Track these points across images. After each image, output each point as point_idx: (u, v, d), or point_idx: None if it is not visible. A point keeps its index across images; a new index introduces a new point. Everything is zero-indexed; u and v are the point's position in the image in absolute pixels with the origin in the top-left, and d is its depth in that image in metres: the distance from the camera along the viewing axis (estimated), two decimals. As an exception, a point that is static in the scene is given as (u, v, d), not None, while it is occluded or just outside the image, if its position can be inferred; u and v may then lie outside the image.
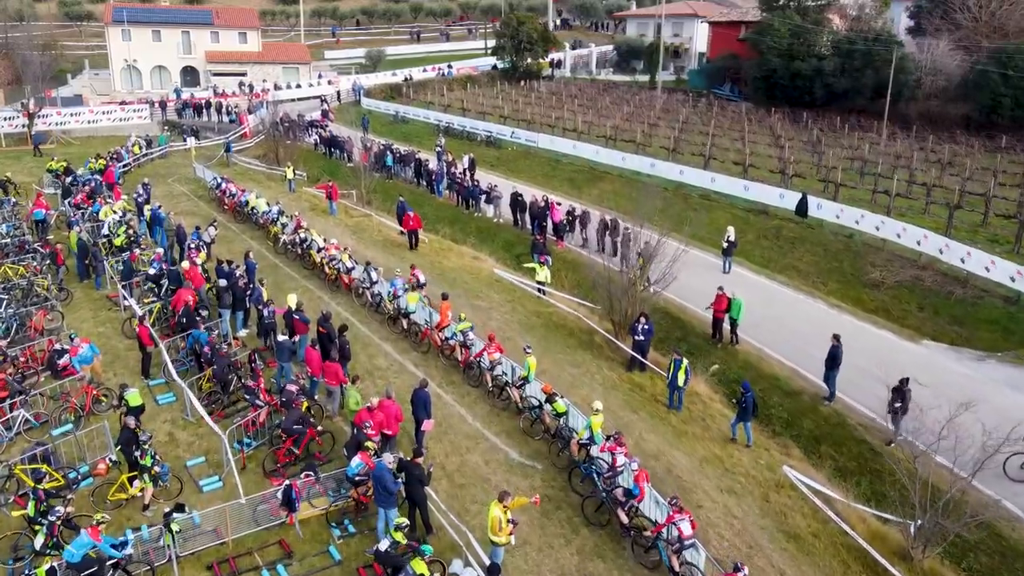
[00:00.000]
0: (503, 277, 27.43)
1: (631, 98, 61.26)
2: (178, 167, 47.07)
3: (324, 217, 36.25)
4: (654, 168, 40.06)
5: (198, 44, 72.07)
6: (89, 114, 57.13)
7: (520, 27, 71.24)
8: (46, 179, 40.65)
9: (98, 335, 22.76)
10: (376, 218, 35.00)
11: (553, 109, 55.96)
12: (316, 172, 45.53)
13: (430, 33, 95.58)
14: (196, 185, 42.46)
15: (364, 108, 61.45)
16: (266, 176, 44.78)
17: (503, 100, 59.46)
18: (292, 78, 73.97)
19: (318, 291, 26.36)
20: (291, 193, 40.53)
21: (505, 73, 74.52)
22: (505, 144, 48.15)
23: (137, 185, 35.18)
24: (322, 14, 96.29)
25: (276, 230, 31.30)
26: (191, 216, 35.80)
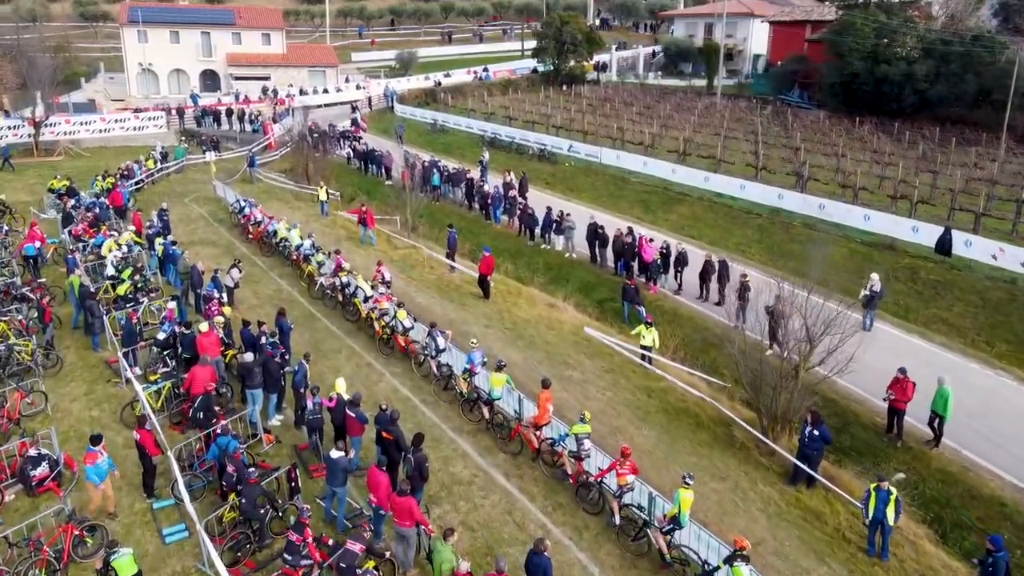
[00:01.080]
0: (594, 337, 22.06)
1: (691, 105, 55.73)
2: (196, 184, 42.14)
3: (362, 248, 31.09)
4: (744, 190, 34.53)
5: (219, 46, 67.34)
6: (100, 123, 52.44)
7: (563, 27, 65.92)
8: (47, 200, 35.82)
9: (90, 421, 17.68)
10: (425, 251, 29.76)
11: (609, 118, 50.52)
12: (350, 191, 40.46)
13: (462, 34, 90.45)
14: (216, 206, 37.46)
15: (399, 116, 56.33)
16: (294, 195, 39.71)
17: (551, 107, 54.08)
18: (318, 82, 69.10)
19: (366, 354, 21.17)
20: (323, 217, 35.46)
21: (546, 77, 69.25)
22: (561, 159, 42.83)
23: (152, 213, 30.12)
24: (348, 14, 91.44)
25: (311, 269, 26.16)
26: (210, 247, 30.79)
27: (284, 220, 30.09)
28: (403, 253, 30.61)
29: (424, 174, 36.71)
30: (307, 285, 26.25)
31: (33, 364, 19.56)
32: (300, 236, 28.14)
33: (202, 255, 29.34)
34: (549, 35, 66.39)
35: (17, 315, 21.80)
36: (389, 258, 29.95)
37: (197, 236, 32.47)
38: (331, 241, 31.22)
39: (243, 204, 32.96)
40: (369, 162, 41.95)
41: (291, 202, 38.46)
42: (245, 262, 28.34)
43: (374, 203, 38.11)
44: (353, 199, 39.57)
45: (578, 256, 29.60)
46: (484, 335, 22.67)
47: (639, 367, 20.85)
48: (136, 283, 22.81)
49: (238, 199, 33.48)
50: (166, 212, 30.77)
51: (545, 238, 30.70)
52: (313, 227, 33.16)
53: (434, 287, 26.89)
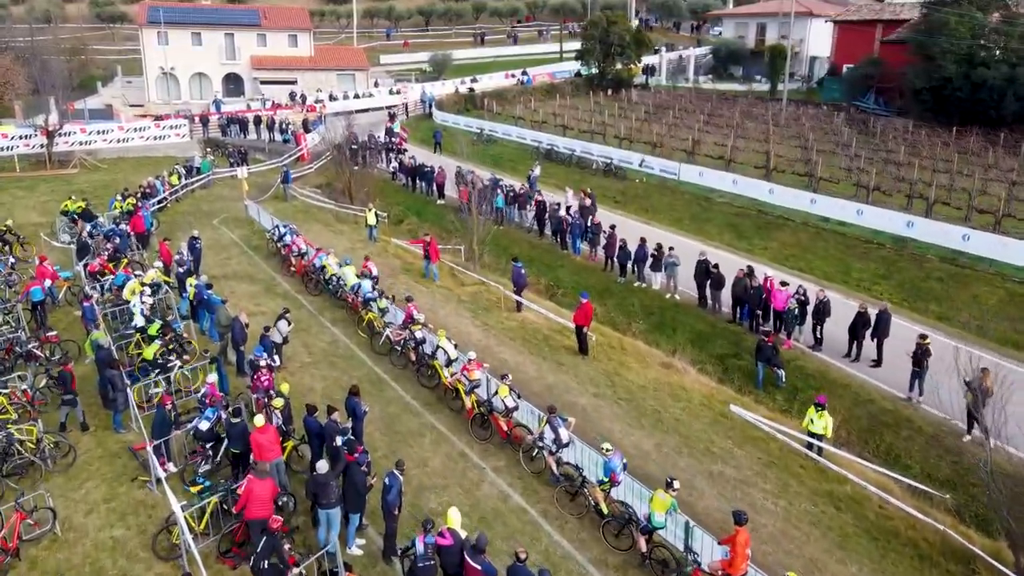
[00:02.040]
0: (740, 416, 17.55)
1: (759, 113, 51.12)
2: (224, 202, 37.92)
3: (423, 284, 26.72)
4: (862, 216, 29.87)
5: (243, 48, 63.27)
6: (118, 132, 48.36)
7: (610, 28, 61.41)
8: (59, 223, 31.64)
9: (112, 546, 13.38)
10: (505, 292, 25.30)
11: (677, 127, 45.97)
12: (396, 211, 36.10)
13: (495, 35, 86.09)
14: (248, 230, 33.19)
15: (438, 123, 51.95)
16: (335, 216, 35.39)
17: (607, 115, 49.57)
18: (347, 86, 64.96)
19: (455, 437, 16.80)
20: (372, 244, 31.13)
21: (589, 81, 64.77)
22: (630, 174, 38.30)
23: (182, 244, 25.82)
24: (374, 14, 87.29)
25: (372, 317, 21.81)
26: (246, 282, 26.51)
27: (333, 253, 25.70)
28: (472, 291, 26.19)
29: (485, 194, 32.27)
30: (367, 335, 21.91)
31: (39, 458, 15.28)
32: (357, 274, 23.80)
33: (239, 293, 25.11)
34: (595, 36, 61.89)
35: (20, 384, 17.53)
36: (456, 297, 25.59)
37: (230, 268, 28.19)
38: (385, 274, 26.92)
39: (283, 231, 28.66)
40: (417, 178, 37.57)
41: (332, 224, 34.16)
42: (289, 302, 24.13)
43: (426, 225, 33.89)
44: (401, 221, 35.27)
45: (682, 298, 25.06)
46: (595, 408, 18.28)
47: (807, 460, 16.33)
48: (167, 343, 18.46)
49: (277, 225, 29.18)
50: (198, 241, 26.50)
51: (638, 274, 26.16)
52: (361, 257, 28.89)
53: (518, 337, 22.45)
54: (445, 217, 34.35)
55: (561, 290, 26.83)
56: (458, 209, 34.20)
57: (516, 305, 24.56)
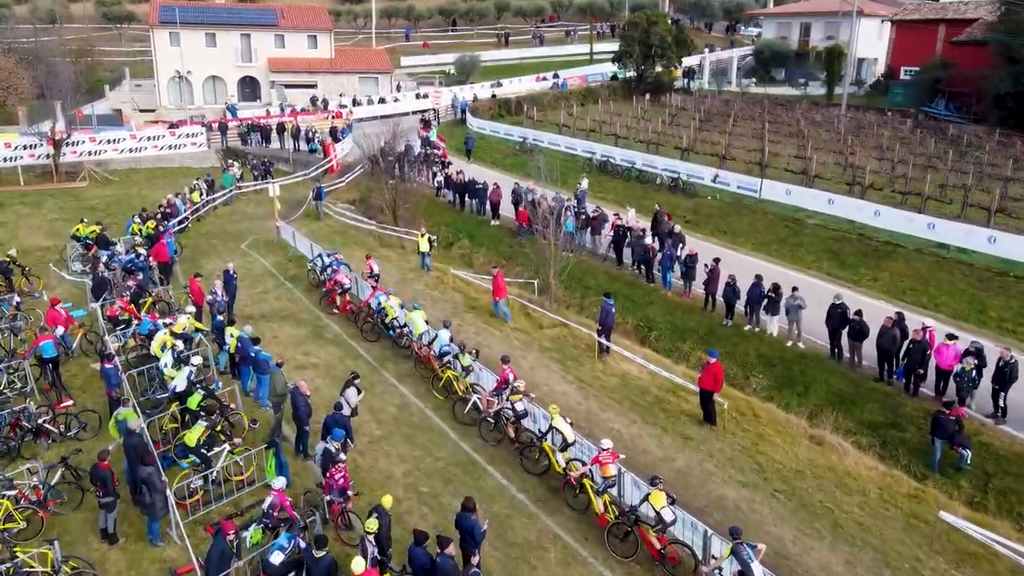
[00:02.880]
0: (950, 523, 13.76)
1: (821, 120, 47.38)
2: (251, 221, 34.23)
3: (494, 325, 22.99)
4: (995, 244, 26.09)
5: (260, 50, 59.58)
6: (130, 141, 44.66)
7: (650, 28, 57.72)
8: (70, 251, 27.91)
9: None
10: (587, 334, 21.59)
11: (737, 136, 42.24)
12: (444, 233, 32.32)
13: (519, 36, 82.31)
14: (282, 256, 29.47)
15: (474, 131, 48.17)
16: (377, 239, 31.66)
17: (659, 123, 45.83)
18: (370, 90, 61.27)
19: (586, 552, 13.08)
20: (426, 273, 27.41)
21: (628, 84, 61.10)
22: (700, 191, 34.53)
23: (215, 282, 22.05)
24: (393, 14, 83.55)
25: (451, 376, 18.10)
26: (289, 324, 22.82)
27: (392, 295, 21.93)
28: (553, 334, 22.42)
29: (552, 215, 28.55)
30: (443, 396, 18.21)
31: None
32: (427, 320, 20.09)
33: (282, 339, 21.46)
34: (634, 37, 58.18)
35: (29, 478, 13.83)
36: (537, 343, 21.85)
37: (268, 304, 24.46)
38: (448, 312, 23.24)
39: (326, 262, 24.94)
40: (467, 195, 33.78)
41: (375, 249, 30.34)
42: (342, 350, 20.59)
43: (482, 252, 30.19)
44: (451, 245, 31.52)
45: (807, 346, 21.29)
46: (749, 505, 14.60)
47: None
48: (213, 423, 14.72)
49: (320, 255, 25.40)
50: (234, 277, 22.78)
51: (750, 316, 22.38)
52: (416, 291, 25.17)
53: (623, 398, 18.71)
54: (502, 241, 30.69)
55: (654, 333, 23.08)
56: (516, 232, 30.52)
57: (601, 349, 20.95)
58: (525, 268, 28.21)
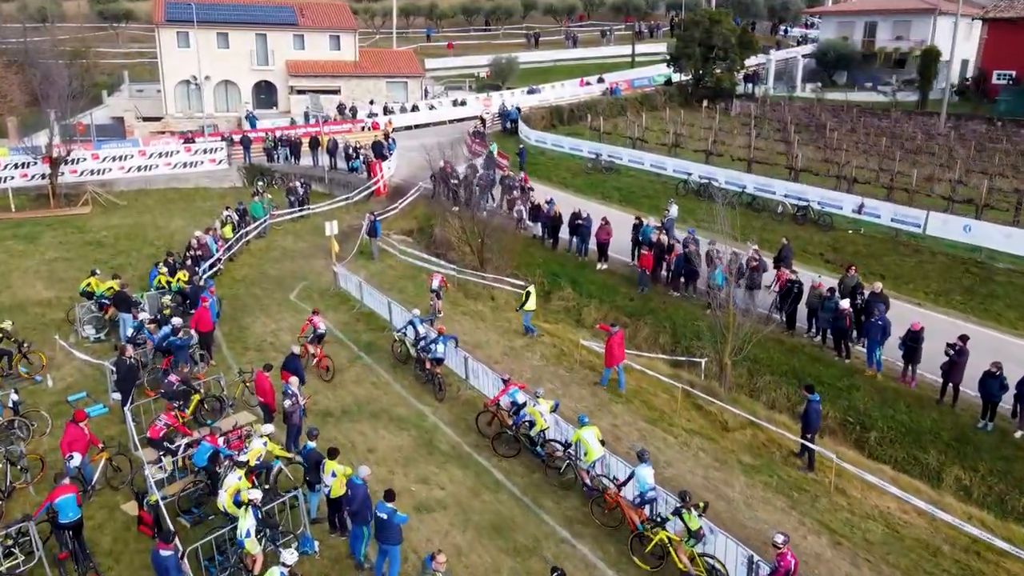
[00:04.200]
0: None
1: (920, 131, 41.73)
2: (295, 261, 28.20)
3: (665, 427, 17.08)
4: None
5: (277, 51, 53.51)
6: (140, 157, 38.52)
7: (712, 27, 51.87)
8: (80, 312, 21.72)
9: None
10: (790, 438, 15.74)
11: (837, 152, 36.45)
12: (538, 278, 26.28)
13: (548, 36, 76.29)
14: (347, 312, 23.46)
15: (532, 143, 42.12)
16: (457, 286, 25.63)
17: (746, 135, 40.00)
18: (399, 95, 55.29)
19: None
20: (533, 338, 21.47)
21: (684, 90, 55.29)
22: (838, 222, 28.66)
23: (292, 383, 15.70)
24: (411, 12, 77.39)
25: (666, 540, 12.19)
26: (382, 424, 16.92)
27: (538, 398, 15.92)
28: (744, 440, 16.53)
29: (686, 262, 22.71)
30: (654, 568, 12.30)
31: None
32: (602, 441, 14.19)
33: (381, 452, 15.56)
34: (694, 37, 52.27)
35: None
36: (732, 456, 15.92)
37: (347, 393, 18.45)
38: (593, 408, 17.39)
39: (421, 334, 18.97)
40: (558, 230, 27.59)
41: (460, 303, 24.42)
42: (472, 474, 14.61)
43: (592, 304, 24.32)
44: (549, 294, 25.57)
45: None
46: None
47: None
48: None
49: (412, 322, 19.33)
50: (297, 363, 16.75)
51: (1021, 417, 16.49)
52: (536, 370, 19.24)
53: (912, 567, 12.81)
54: (616, 291, 24.71)
55: (872, 434, 17.24)
56: (636, 280, 24.57)
57: (805, 457, 15.26)
58: (656, 329, 22.36)
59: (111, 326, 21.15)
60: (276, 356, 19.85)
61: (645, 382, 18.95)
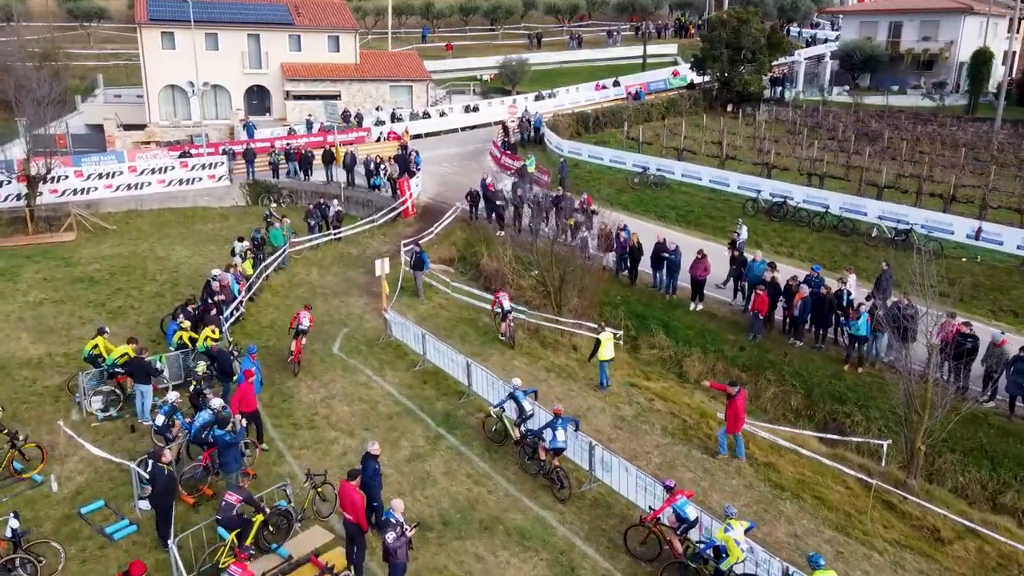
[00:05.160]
0: None
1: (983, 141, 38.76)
2: (325, 299, 24.08)
3: (851, 533, 13.40)
4: None
5: (271, 53, 49.16)
6: (130, 175, 34.04)
7: (740, 28, 48.58)
8: (84, 382, 17.31)
9: None
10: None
11: (890, 162, 33.27)
12: (616, 318, 22.51)
13: (550, 36, 72.51)
14: (405, 369, 19.47)
15: (566, 155, 38.20)
16: (531, 332, 21.74)
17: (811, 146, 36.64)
18: (403, 101, 51.20)
19: None
20: (605, 391, 17.73)
21: (709, 94, 51.93)
22: (948, 249, 25.21)
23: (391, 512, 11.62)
24: (405, 11, 73.21)
25: None
26: (498, 540, 13.26)
27: (733, 514, 12.10)
28: (972, 557, 12.91)
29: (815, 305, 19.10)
30: None
31: None
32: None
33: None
34: (721, 38, 48.89)
35: None
36: None
37: (438, 493, 14.49)
38: (718, 486, 13.72)
39: (527, 412, 15.12)
40: (660, 265, 23.58)
41: (537, 354, 20.55)
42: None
43: (694, 354, 20.61)
44: (635, 339, 21.80)
45: None
46: None
47: None
48: None
49: (514, 394, 15.40)
50: (375, 461, 12.79)
51: None
52: (659, 446, 15.50)
53: None
54: (719, 337, 21.01)
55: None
56: (746, 327, 20.85)
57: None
58: (784, 388, 18.71)
59: (124, 399, 16.93)
60: (338, 437, 15.91)
61: (807, 468, 15.29)
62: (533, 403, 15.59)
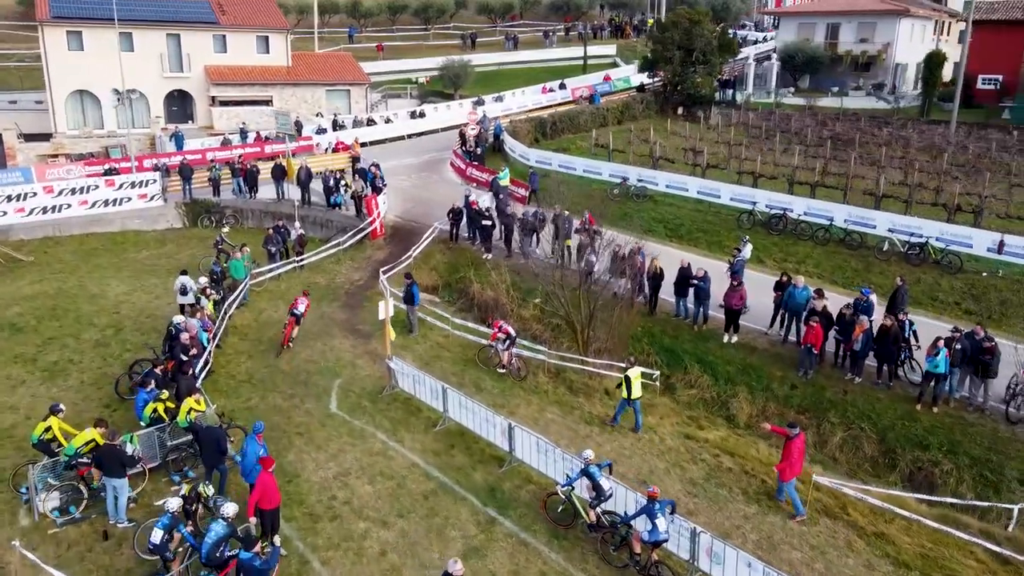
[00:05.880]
0: None
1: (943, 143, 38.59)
2: (305, 341, 20.77)
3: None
4: None
5: (194, 55, 44.82)
6: (45, 196, 29.61)
7: (693, 29, 47.35)
8: (35, 477, 13.60)
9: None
10: None
11: (864, 167, 32.51)
12: (642, 352, 20.25)
13: (485, 38, 69.73)
14: (423, 431, 16.59)
15: (532, 165, 35.71)
16: (552, 376, 19.20)
17: (785, 152, 35.42)
18: (341, 106, 47.72)
19: None
20: (638, 437, 15.45)
21: (659, 97, 50.57)
22: (967, 263, 23.99)
23: None
24: (328, 10, 69.11)
25: None
26: None
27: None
28: None
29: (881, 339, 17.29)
30: None
31: None
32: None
33: None
34: (674, 40, 47.50)
35: None
36: None
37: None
38: (832, 567, 11.69)
39: (606, 491, 12.65)
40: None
41: (569, 403, 18.05)
42: None
43: (739, 394, 18.54)
44: (668, 378, 19.55)
45: None
46: None
47: None
48: None
49: (589, 472, 12.81)
50: None
51: None
52: (747, 516, 13.33)
53: None
54: (767, 374, 18.94)
55: None
56: (797, 363, 18.81)
57: None
58: (851, 431, 16.84)
59: (91, 496, 13.48)
60: (369, 529, 13.05)
61: (924, 536, 13.34)
62: (610, 479, 13.09)
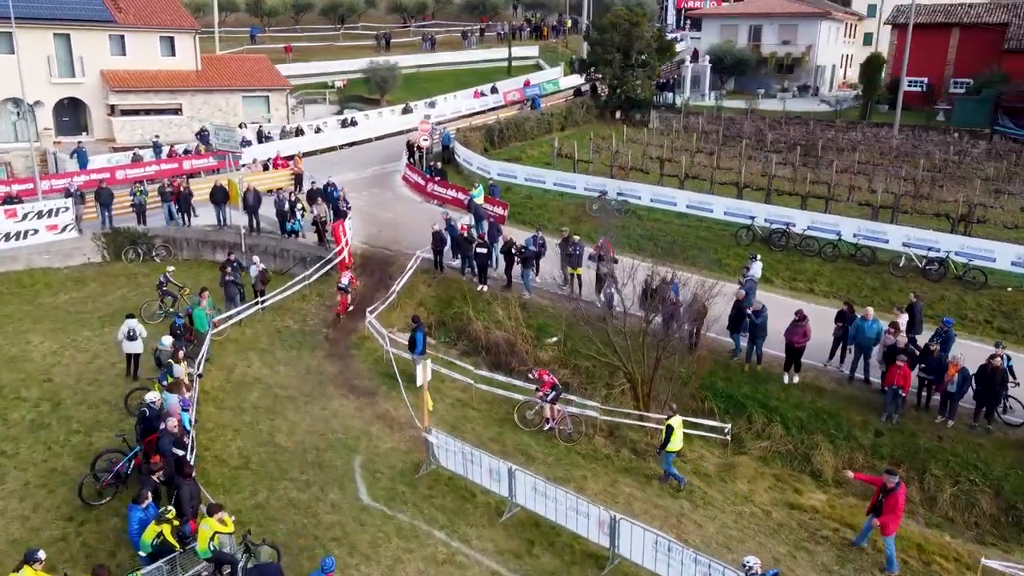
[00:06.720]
0: None
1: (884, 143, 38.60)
2: (300, 409, 17.35)
3: None
4: None
5: (88, 58, 39.35)
6: (-71, 232, 24.39)
7: (632, 30, 45.87)
8: None
9: None
10: None
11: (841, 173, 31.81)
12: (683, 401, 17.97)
13: (399, 39, 65.97)
14: (495, 529, 13.64)
15: (494, 178, 32.80)
16: (599, 433, 16.60)
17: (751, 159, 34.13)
18: (260, 114, 43.32)
19: None
20: (681, 486, 13.30)
21: (599, 101, 48.92)
22: (993, 279, 22.97)
23: None
24: (227, 8, 63.65)
25: None
26: None
27: None
28: None
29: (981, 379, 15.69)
30: None
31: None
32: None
33: None
34: (614, 42, 45.83)
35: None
36: None
37: None
38: None
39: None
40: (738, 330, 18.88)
41: (632, 468, 15.51)
42: None
43: (820, 446, 16.58)
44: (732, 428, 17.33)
45: None
46: None
47: None
48: None
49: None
50: None
51: None
52: None
53: None
54: (847, 420, 16.95)
55: None
56: (881, 407, 16.89)
57: None
58: (961, 484, 15.14)
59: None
60: None
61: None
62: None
